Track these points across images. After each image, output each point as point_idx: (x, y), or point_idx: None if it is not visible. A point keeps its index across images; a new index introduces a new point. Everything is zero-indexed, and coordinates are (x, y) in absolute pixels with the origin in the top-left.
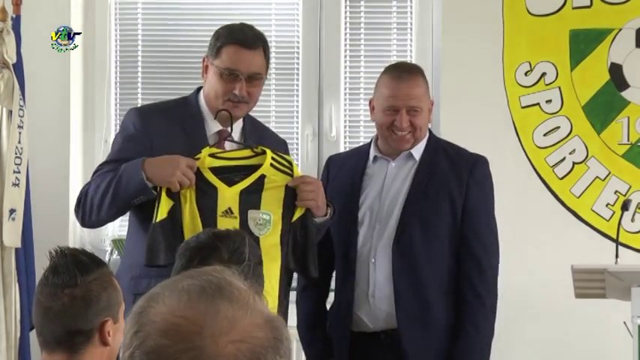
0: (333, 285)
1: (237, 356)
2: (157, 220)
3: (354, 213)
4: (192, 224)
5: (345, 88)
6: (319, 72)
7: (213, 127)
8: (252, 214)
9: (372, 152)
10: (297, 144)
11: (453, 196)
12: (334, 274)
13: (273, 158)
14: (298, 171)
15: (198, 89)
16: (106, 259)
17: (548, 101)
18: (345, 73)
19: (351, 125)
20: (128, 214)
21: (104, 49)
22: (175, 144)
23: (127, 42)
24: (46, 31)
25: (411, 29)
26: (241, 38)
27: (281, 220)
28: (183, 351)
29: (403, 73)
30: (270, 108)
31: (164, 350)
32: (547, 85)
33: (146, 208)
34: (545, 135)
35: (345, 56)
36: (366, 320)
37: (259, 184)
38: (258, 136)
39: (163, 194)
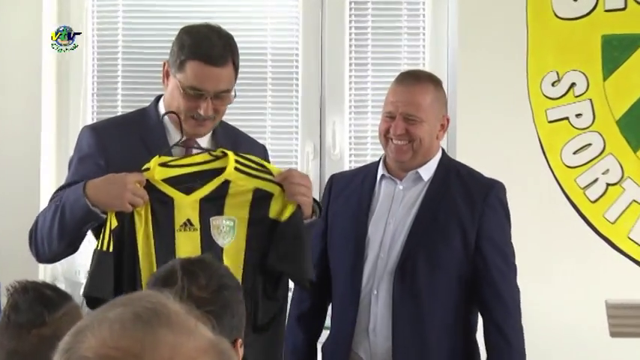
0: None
1: None
2: (104, 247)
3: (362, 240)
4: (146, 246)
5: (350, 100)
6: (321, 82)
7: (176, 137)
8: (214, 221)
9: (380, 171)
10: (297, 163)
11: (465, 224)
12: (331, 306)
13: (237, 161)
14: (276, 168)
15: (158, 98)
16: (81, 292)
17: (578, 115)
18: (350, 83)
19: (356, 142)
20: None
21: (80, 57)
22: (136, 161)
23: (105, 48)
24: (17, 38)
25: (424, 34)
26: (208, 53)
27: (246, 222)
28: None
29: (408, 78)
30: (266, 123)
31: None
32: (577, 96)
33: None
34: (574, 153)
35: (350, 64)
36: (364, 358)
37: (222, 190)
38: (232, 140)
39: (112, 217)
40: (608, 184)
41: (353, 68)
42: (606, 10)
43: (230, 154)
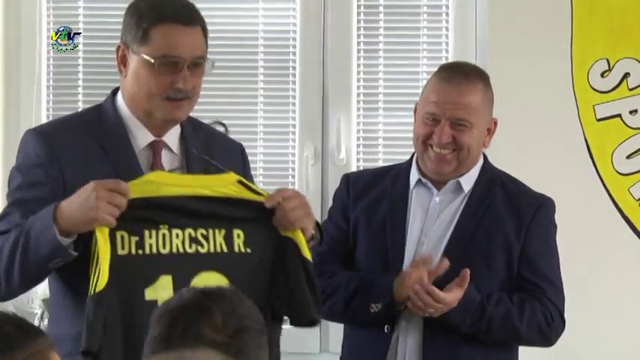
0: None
1: None
2: (99, 289)
3: (398, 256)
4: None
5: (359, 95)
6: (323, 74)
7: (141, 139)
8: None
9: (414, 175)
10: (294, 169)
11: (510, 244)
12: (345, 335)
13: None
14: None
15: (114, 91)
16: (38, 324)
17: (633, 112)
18: (359, 73)
19: (365, 144)
20: None
21: (32, 43)
22: (94, 170)
23: (63, 28)
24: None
25: (447, 14)
26: (175, 13)
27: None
28: None
29: (456, 75)
30: (257, 122)
31: None
32: (631, 89)
33: (74, 260)
34: (628, 157)
35: (359, 50)
36: None
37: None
38: (203, 142)
39: (102, 250)
40: None
41: (362, 55)
42: None
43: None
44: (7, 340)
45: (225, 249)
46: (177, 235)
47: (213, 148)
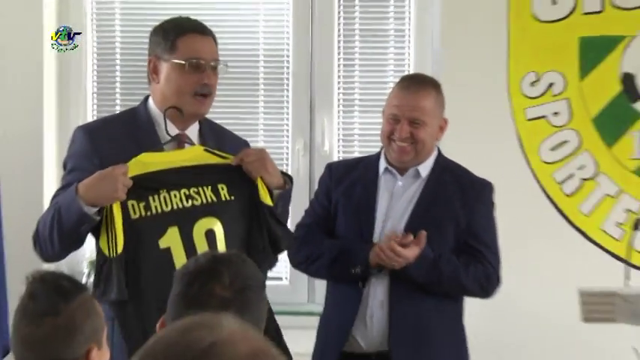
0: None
1: None
2: (119, 251)
3: (369, 230)
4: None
5: (339, 100)
6: (310, 82)
7: (169, 131)
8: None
9: (382, 164)
10: (288, 160)
11: (458, 218)
12: (328, 290)
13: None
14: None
15: (146, 98)
16: (83, 282)
17: (556, 113)
18: (339, 83)
19: (345, 139)
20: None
21: (80, 58)
22: (128, 158)
23: (104, 49)
24: (18, 44)
25: (409, 36)
26: (195, 26)
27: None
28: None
29: (413, 83)
30: (258, 121)
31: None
32: (555, 96)
33: None
34: (552, 149)
35: (339, 65)
36: (360, 341)
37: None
38: (217, 137)
39: (117, 218)
40: (583, 179)
41: (341, 69)
42: (584, 13)
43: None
44: (64, 292)
45: (214, 199)
46: (175, 195)
47: (224, 142)
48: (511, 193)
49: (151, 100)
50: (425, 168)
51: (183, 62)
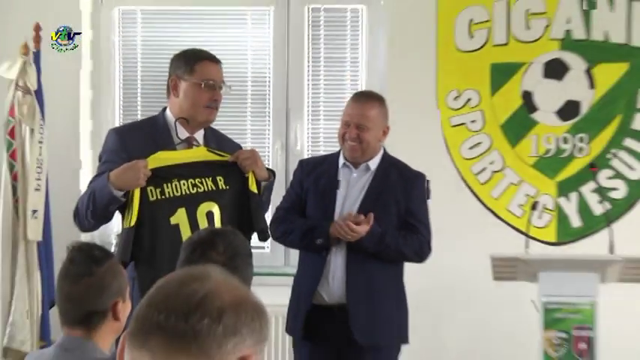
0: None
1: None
2: (132, 224)
3: (331, 211)
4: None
5: (308, 111)
6: (286, 97)
7: (180, 135)
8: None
9: (341, 160)
10: (269, 157)
11: (399, 201)
12: (300, 257)
13: (208, 150)
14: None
15: (164, 109)
16: (112, 250)
17: (473, 121)
18: (308, 98)
19: (312, 141)
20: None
21: (109, 82)
22: (148, 154)
23: (128, 74)
24: (61, 63)
25: (362, 62)
26: (209, 56)
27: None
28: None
29: (361, 97)
30: (247, 127)
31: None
32: (472, 108)
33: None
34: (470, 149)
35: (308, 85)
36: (324, 296)
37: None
38: (217, 140)
39: (135, 200)
40: (493, 171)
41: (310, 87)
42: (494, 45)
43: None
44: (96, 258)
45: (214, 188)
46: (184, 184)
47: (222, 145)
48: (439, 182)
49: (168, 111)
50: (374, 163)
51: (200, 82)
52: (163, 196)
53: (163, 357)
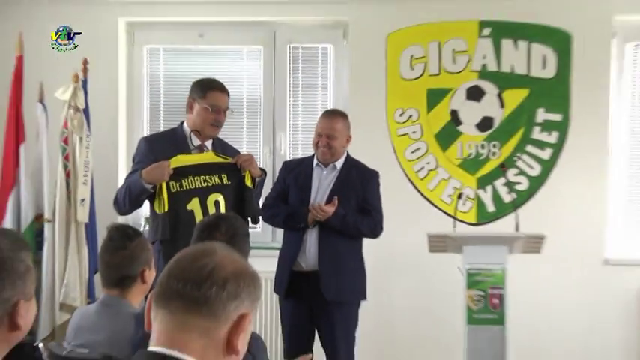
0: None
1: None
2: (165, 210)
3: (307, 200)
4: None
5: (289, 125)
6: (273, 114)
7: (194, 142)
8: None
9: (315, 162)
10: (260, 159)
11: (358, 193)
12: (284, 235)
13: (216, 154)
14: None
15: (182, 123)
16: (141, 229)
17: (414, 132)
18: (289, 115)
19: (293, 147)
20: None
21: (139, 102)
22: (170, 157)
23: (154, 96)
24: (103, 89)
25: (330, 88)
26: (219, 86)
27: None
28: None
29: (330, 114)
30: (243, 136)
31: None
32: (413, 122)
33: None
34: (411, 153)
35: (289, 105)
36: (302, 264)
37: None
38: (222, 147)
39: (164, 191)
40: (429, 170)
41: (291, 106)
42: (429, 75)
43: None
44: (129, 235)
45: (219, 182)
46: (197, 179)
47: (226, 151)
48: (388, 177)
49: (185, 124)
50: (339, 164)
51: (207, 107)
52: (182, 189)
53: (181, 317)
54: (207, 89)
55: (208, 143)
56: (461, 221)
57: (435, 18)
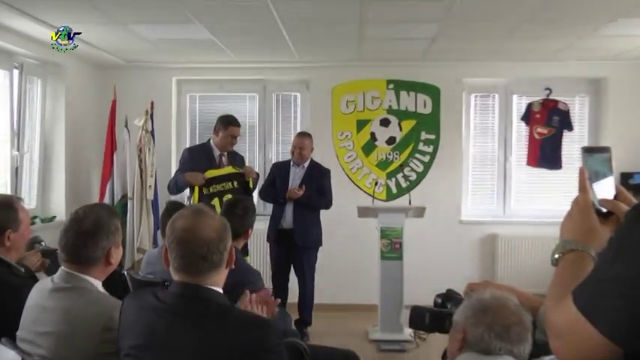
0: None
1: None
2: (196, 202)
3: (287, 186)
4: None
5: (275, 140)
6: (264, 134)
7: (217, 153)
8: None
9: (291, 163)
10: (256, 162)
11: (317, 182)
12: (273, 207)
13: (234, 167)
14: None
15: (209, 140)
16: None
17: (349, 145)
18: (275, 134)
19: (277, 154)
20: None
21: (184, 127)
22: (202, 161)
23: (192, 123)
24: (163, 122)
25: (299, 120)
26: (235, 122)
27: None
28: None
29: (300, 134)
30: (246, 147)
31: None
32: (348, 139)
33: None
34: (348, 157)
35: (274, 128)
36: (283, 224)
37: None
38: (233, 155)
39: (196, 190)
40: (358, 168)
41: (275, 129)
42: (357, 111)
43: (231, 167)
44: (177, 207)
45: (231, 187)
46: (218, 186)
47: (235, 159)
48: (335, 173)
49: (211, 141)
50: (306, 164)
51: (227, 135)
52: (208, 192)
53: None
54: (229, 124)
55: (226, 153)
56: (377, 199)
57: (361, 77)
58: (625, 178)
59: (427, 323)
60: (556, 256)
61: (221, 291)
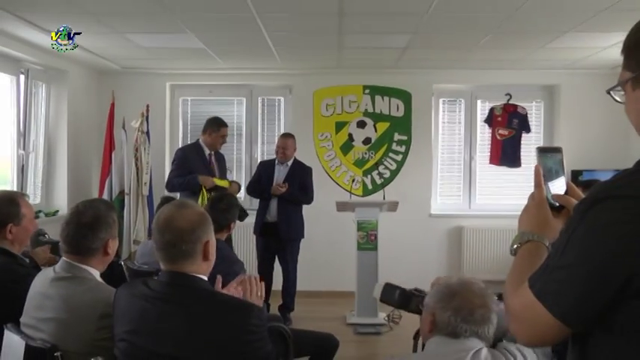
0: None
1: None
2: (203, 204)
3: (272, 183)
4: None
5: (260, 141)
6: (251, 135)
7: (207, 152)
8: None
9: (276, 162)
10: (243, 161)
11: (299, 179)
12: (259, 202)
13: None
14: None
15: (198, 139)
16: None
17: (328, 145)
18: (263, 136)
19: (262, 154)
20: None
21: (177, 128)
22: (196, 160)
23: (185, 125)
24: (157, 124)
25: (282, 122)
26: (225, 124)
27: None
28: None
29: (284, 135)
30: (234, 148)
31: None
32: (327, 140)
33: (193, 193)
34: (327, 156)
35: (260, 129)
36: (268, 218)
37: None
38: (218, 156)
39: (204, 193)
40: (336, 166)
41: (265, 133)
42: (336, 114)
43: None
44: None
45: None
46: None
47: (220, 158)
48: (316, 170)
49: (200, 140)
50: (290, 162)
51: (219, 136)
52: (209, 195)
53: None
54: (219, 126)
55: (214, 153)
56: (354, 194)
57: (340, 83)
58: (575, 176)
59: (396, 299)
60: (515, 246)
61: (206, 279)
